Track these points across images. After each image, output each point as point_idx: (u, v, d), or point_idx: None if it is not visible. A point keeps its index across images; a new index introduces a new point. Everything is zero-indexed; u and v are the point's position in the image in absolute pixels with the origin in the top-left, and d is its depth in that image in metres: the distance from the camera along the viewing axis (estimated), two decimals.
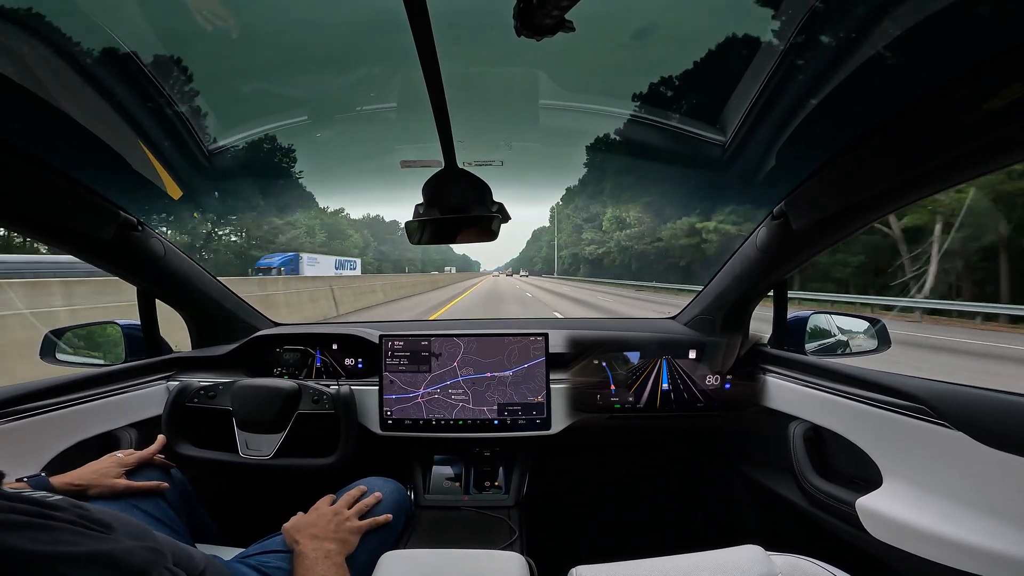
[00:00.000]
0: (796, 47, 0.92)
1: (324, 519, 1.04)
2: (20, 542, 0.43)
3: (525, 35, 0.60)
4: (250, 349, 1.73)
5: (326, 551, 0.94)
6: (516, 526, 1.34)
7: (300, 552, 0.93)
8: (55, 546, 0.45)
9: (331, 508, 1.09)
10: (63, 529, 0.47)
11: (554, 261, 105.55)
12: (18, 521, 0.45)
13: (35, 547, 0.43)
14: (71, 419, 1.25)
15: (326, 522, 1.03)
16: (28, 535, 0.44)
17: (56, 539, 0.46)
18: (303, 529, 1.00)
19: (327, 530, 1.00)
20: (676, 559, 0.79)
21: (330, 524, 1.02)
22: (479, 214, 0.98)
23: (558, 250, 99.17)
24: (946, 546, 0.87)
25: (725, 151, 1.30)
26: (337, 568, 0.92)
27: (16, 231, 1.19)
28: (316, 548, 0.94)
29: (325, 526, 1.01)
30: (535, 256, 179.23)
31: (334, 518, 1.05)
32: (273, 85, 1.31)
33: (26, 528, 0.45)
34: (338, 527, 1.02)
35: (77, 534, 0.48)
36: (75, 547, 0.46)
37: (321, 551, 0.93)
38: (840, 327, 1.64)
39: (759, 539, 0.85)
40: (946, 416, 0.92)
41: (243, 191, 2.06)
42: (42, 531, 0.45)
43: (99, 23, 0.93)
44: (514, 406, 1.52)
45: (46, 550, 0.44)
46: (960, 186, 0.95)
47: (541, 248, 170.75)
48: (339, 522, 1.04)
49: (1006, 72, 0.71)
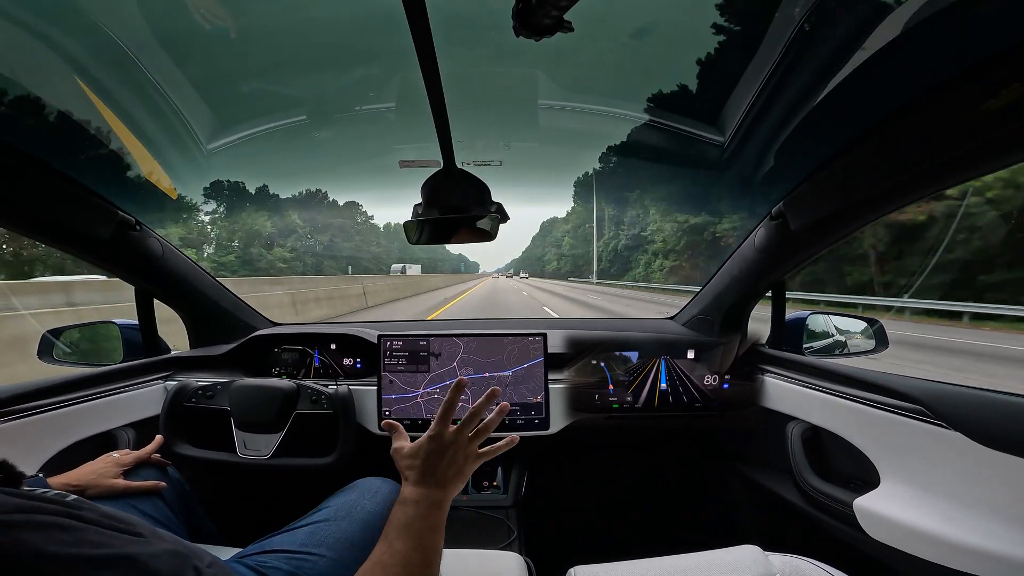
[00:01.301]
0: (795, 47, 0.92)
1: (454, 448, 0.77)
2: (46, 544, 0.42)
3: (524, 35, 0.60)
4: (248, 349, 1.73)
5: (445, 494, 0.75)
6: (515, 526, 1.34)
7: (437, 499, 0.74)
8: (80, 548, 0.44)
9: (451, 429, 0.78)
10: (88, 530, 0.46)
11: (569, 257, 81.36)
12: (44, 522, 0.44)
13: (59, 549, 0.42)
14: (69, 419, 1.25)
15: (454, 453, 0.77)
16: (54, 535, 0.43)
17: (81, 540, 0.44)
18: (432, 459, 0.76)
19: (453, 461, 0.77)
20: (674, 559, 0.79)
21: (459, 452, 0.77)
22: (478, 214, 0.98)
23: (598, 241, 70.84)
24: (943, 546, 0.87)
25: (724, 151, 1.30)
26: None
27: (14, 231, 1.18)
28: (438, 489, 0.74)
29: (452, 456, 0.77)
30: (546, 254, 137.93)
31: (456, 441, 0.77)
32: (272, 85, 1.31)
33: (53, 528, 0.44)
34: (466, 457, 0.78)
35: (103, 535, 0.47)
36: (99, 549, 0.45)
37: (441, 492, 0.74)
38: (838, 327, 1.64)
39: (757, 539, 0.85)
40: (943, 416, 0.93)
41: (245, 192, 2.06)
42: (67, 531, 0.44)
43: (98, 22, 0.93)
44: (513, 406, 1.51)
45: (71, 552, 0.43)
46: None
47: (561, 240, 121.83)
48: (467, 449, 0.78)
49: (1005, 72, 0.71)
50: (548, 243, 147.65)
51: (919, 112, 0.85)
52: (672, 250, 41.09)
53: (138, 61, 1.03)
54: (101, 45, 0.97)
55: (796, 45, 0.91)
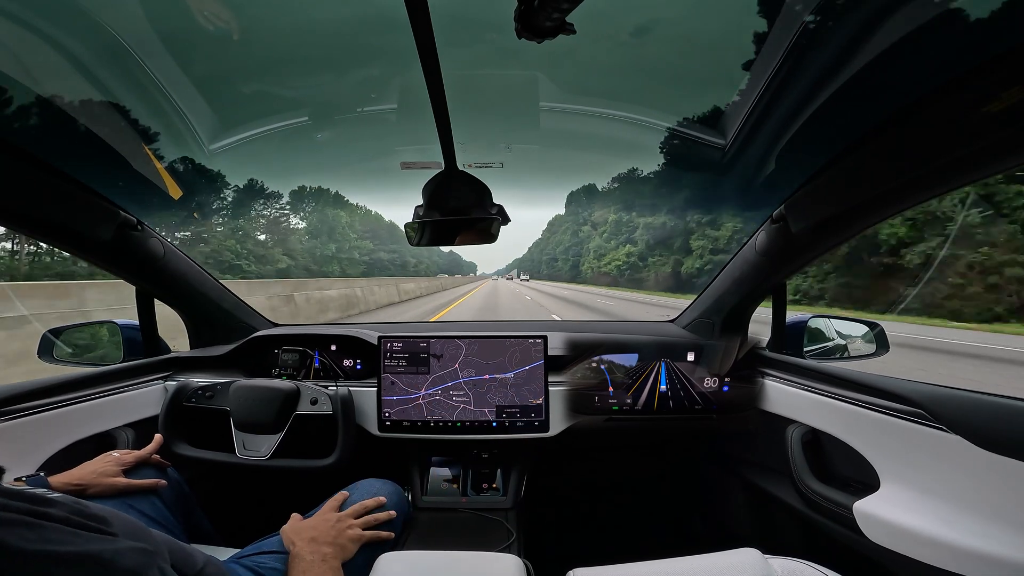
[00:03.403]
0: (796, 50, 0.92)
1: (326, 524, 1.03)
2: (11, 539, 0.43)
3: (526, 37, 0.60)
4: (248, 349, 1.73)
5: (323, 555, 0.94)
6: (514, 528, 1.34)
7: (296, 554, 0.93)
8: (43, 545, 0.44)
9: (336, 514, 1.08)
10: (52, 528, 0.47)
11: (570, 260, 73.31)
12: (10, 518, 0.45)
13: (24, 545, 0.43)
14: (69, 418, 1.25)
15: (328, 527, 1.02)
16: (18, 532, 0.44)
17: (44, 538, 0.45)
18: (302, 532, 0.99)
19: (328, 535, 1.00)
20: (674, 562, 0.79)
21: (331, 530, 1.02)
22: (478, 216, 0.98)
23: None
24: (943, 549, 0.87)
25: (725, 155, 1.31)
26: (333, 572, 0.92)
27: (16, 230, 1.19)
28: (313, 551, 0.94)
29: (326, 531, 1.01)
30: (556, 255, 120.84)
31: (336, 524, 1.04)
32: (274, 86, 1.32)
33: (17, 525, 0.44)
34: (339, 533, 1.01)
35: (67, 533, 0.47)
36: (63, 547, 0.46)
37: (318, 555, 0.93)
38: (839, 331, 1.64)
39: (757, 542, 0.85)
40: (943, 420, 0.92)
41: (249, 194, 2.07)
42: (32, 529, 0.45)
43: (101, 23, 0.93)
44: (513, 408, 1.51)
45: (35, 548, 0.44)
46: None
47: (568, 237, 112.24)
48: (340, 528, 1.03)
49: (1006, 75, 0.71)
50: (552, 243, 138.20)
51: (919, 115, 0.85)
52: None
53: (141, 61, 1.03)
54: (104, 45, 0.98)
55: (798, 48, 0.91)
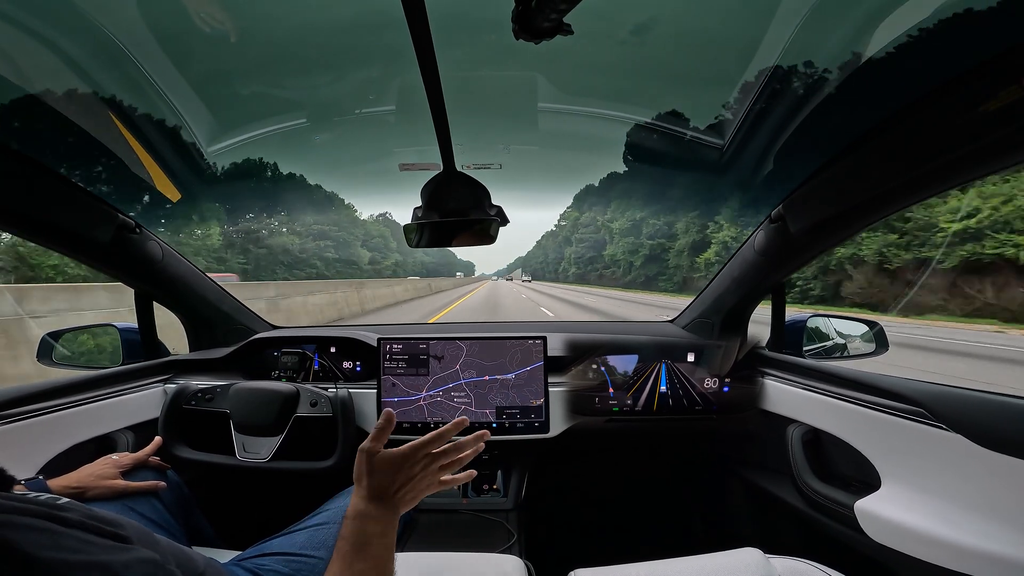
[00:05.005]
0: (794, 50, 0.92)
1: (411, 467, 0.73)
2: (24, 545, 0.43)
3: (524, 38, 0.60)
4: (248, 352, 1.73)
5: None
6: (514, 529, 1.33)
7: (391, 519, 0.70)
8: (57, 552, 0.44)
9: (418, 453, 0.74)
10: (66, 535, 0.47)
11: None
12: (25, 523, 0.45)
13: (37, 551, 0.43)
14: (68, 421, 1.25)
15: (411, 477, 0.73)
16: (33, 538, 0.44)
17: (58, 544, 0.45)
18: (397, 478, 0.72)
19: (422, 491, 0.74)
20: (675, 562, 0.79)
21: (423, 480, 0.74)
22: (477, 217, 0.98)
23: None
24: (944, 548, 0.87)
25: (723, 154, 1.31)
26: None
27: (15, 233, 1.18)
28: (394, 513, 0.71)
29: (422, 486, 0.74)
30: (561, 256, 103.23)
31: (421, 472, 0.74)
32: (272, 88, 1.31)
33: (32, 530, 0.44)
34: (428, 485, 0.75)
35: (81, 540, 0.47)
36: (76, 555, 0.46)
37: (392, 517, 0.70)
38: (838, 330, 1.64)
39: (758, 542, 0.85)
40: (944, 419, 0.92)
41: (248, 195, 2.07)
42: (46, 534, 0.45)
43: (98, 25, 0.93)
44: (513, 409, 1.51)
45: (48, 555, 0.44)
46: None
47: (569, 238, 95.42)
48: (430, 481, 0.75)
49: (1003, 74, 0.71)
50: (555, 244, 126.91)
51: (918, 114, 0.85)
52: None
53: (138, 63, 1.03)
54: (101, 47, 0.98)
55: (795, 48, 0.91)
